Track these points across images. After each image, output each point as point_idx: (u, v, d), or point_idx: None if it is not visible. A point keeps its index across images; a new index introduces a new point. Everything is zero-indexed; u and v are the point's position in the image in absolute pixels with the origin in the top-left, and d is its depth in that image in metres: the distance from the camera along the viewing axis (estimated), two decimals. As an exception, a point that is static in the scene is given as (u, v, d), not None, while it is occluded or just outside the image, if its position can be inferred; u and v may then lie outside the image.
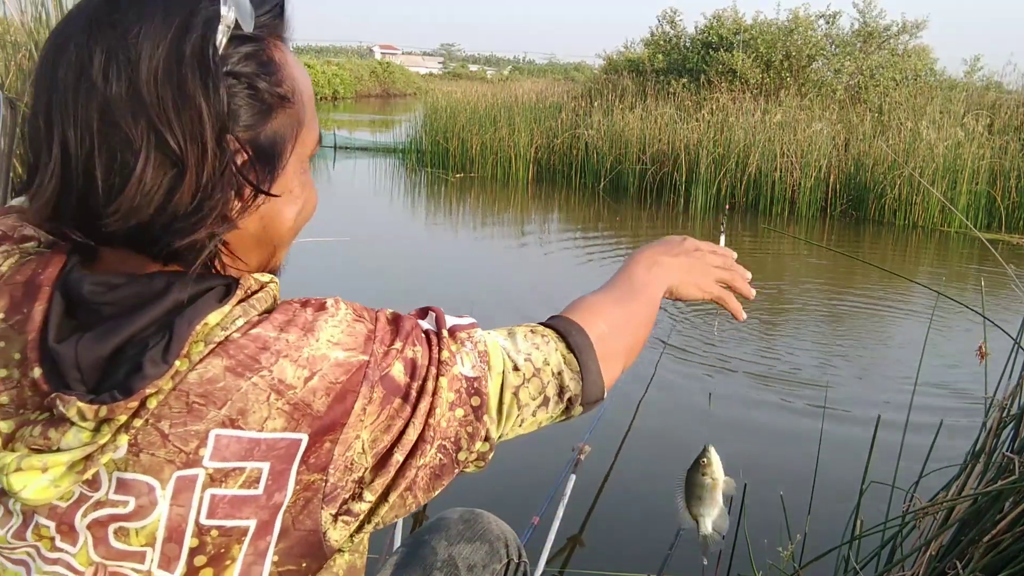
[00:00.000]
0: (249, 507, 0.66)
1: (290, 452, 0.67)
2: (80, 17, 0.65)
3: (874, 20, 13.00)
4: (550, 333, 0.85)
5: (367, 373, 0.69)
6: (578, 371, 0.84)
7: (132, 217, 0.64)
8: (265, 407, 0.66)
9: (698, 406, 3.88)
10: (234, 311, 0.68)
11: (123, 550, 0.66)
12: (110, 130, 0.62)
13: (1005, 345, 1.88)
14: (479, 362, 0.76)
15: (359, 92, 36.46)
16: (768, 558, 2.16)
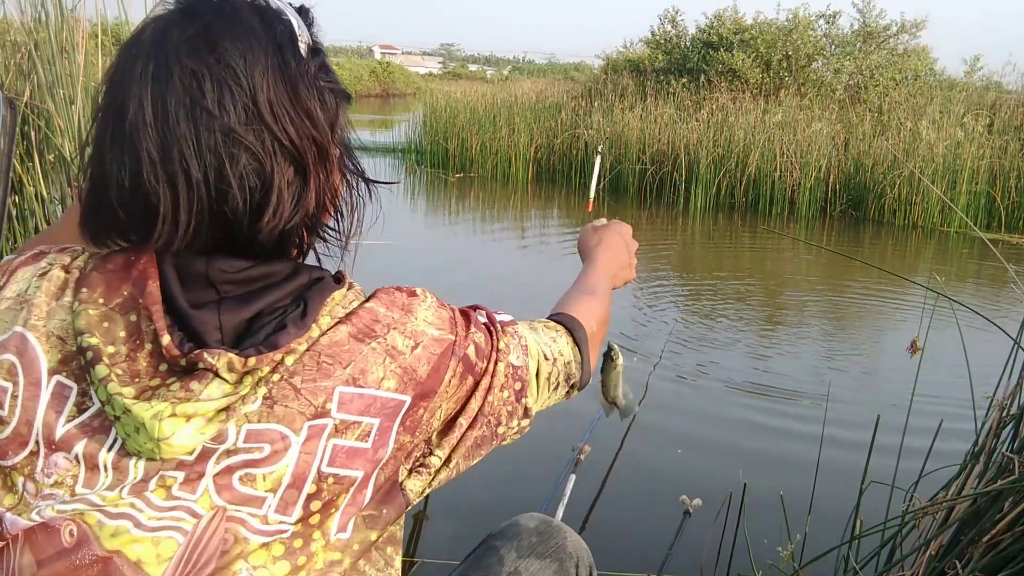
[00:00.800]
0: (360, 459, 0.76)
1: (395, 411, 0.78)
2: (170, 53, 0.70)
3: (874, 20, 13.00)
4: (561, 328, 1.02)
5: (455, 350, 0.83)
6: (580, 361, 1.01)
7: (280, 224, 0.73)
8: (381, 368, 0.77)
9: (698, 406, 3.88)
10: (348, 294, 0.81)
11: (246, 494, 0.72)
12: (236, 151, 0.70)
13: (1005, 345, 1.88)
14: (522, 353, 0.92)
15: (359, 92, 36.44)
16: (768, 558, 2.17)
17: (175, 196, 0.70)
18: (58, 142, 2.31)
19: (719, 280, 6.64)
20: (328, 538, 0.75)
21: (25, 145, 2.32)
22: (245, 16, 0.72)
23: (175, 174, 0.69)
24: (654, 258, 7.37)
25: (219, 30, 0.71)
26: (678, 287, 6.38)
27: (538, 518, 1.34)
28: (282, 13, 0.75)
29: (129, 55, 0.72)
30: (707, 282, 6.57)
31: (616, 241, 1.30)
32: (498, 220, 9.20)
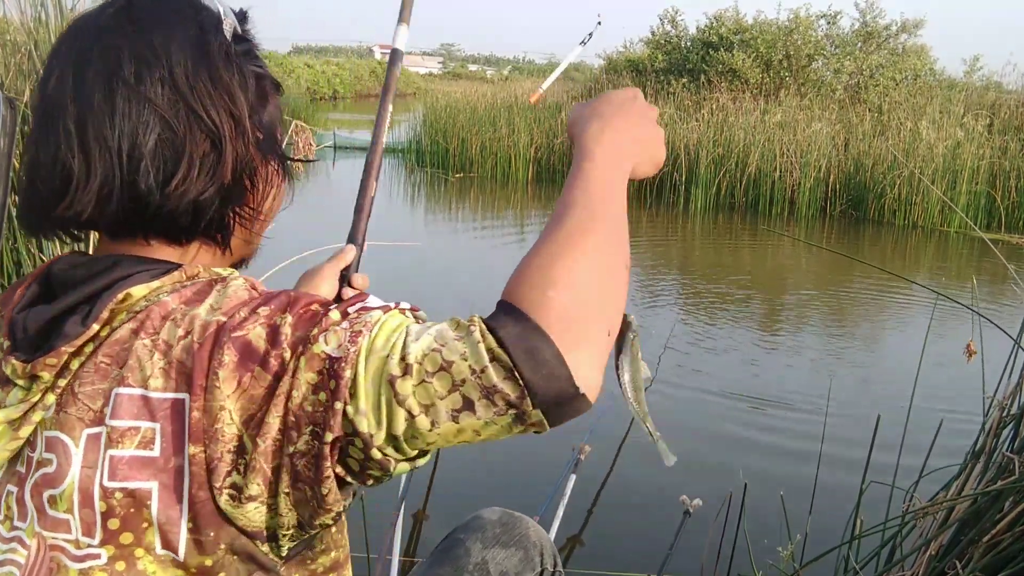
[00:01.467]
0: (148, 469, 0.67)
1: (177, 413, 0.67)
2: (91, 31, 0.73)
3: (873, 20, 13.01)
4: (477, 322, 0.65)
5: (222, 333, 0.67)
6: (510, 367, 0.63)
7: (188, 193, 0.72)
8: (149, 365, 0.68)
9: (699, 405, 3.88)
10: (163, 287, 0.72)
11: (55, 518, 0.69)
12: (152, 121, 0.70)
13: (1005, 345, 1.88)
14: (347, 342, 0.65)
15: (359, 92, 36.43)
16: (768, 558, 2.16)
17: (89, 164, 0.70)
18: (58, 142, 2.31)
19: (719, 280, 6.64)
20: (155, 554, 0.68)
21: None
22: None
23: (89, 143, 0.70)
24: (654, 258, 7.37)
25: (141, 8, 0.73)
26: (678, 286, 6.38)
27: (499, 511, 1.36)
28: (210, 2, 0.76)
29: (59, 40, 0.75)
30: (707, 282, 6.57)
31: (621, 107, 0.86)
32: (498, 220, 9.20)
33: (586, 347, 0.64)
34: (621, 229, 0.73)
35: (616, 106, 0.84)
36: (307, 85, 26.71)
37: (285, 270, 2.37)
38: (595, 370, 0.65)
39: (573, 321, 0.64)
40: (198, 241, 0.77)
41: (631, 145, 0.82)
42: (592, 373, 0.65)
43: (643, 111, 0.87)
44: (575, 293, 0.65)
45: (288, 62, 29.50)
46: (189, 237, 0.76)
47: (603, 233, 0.71)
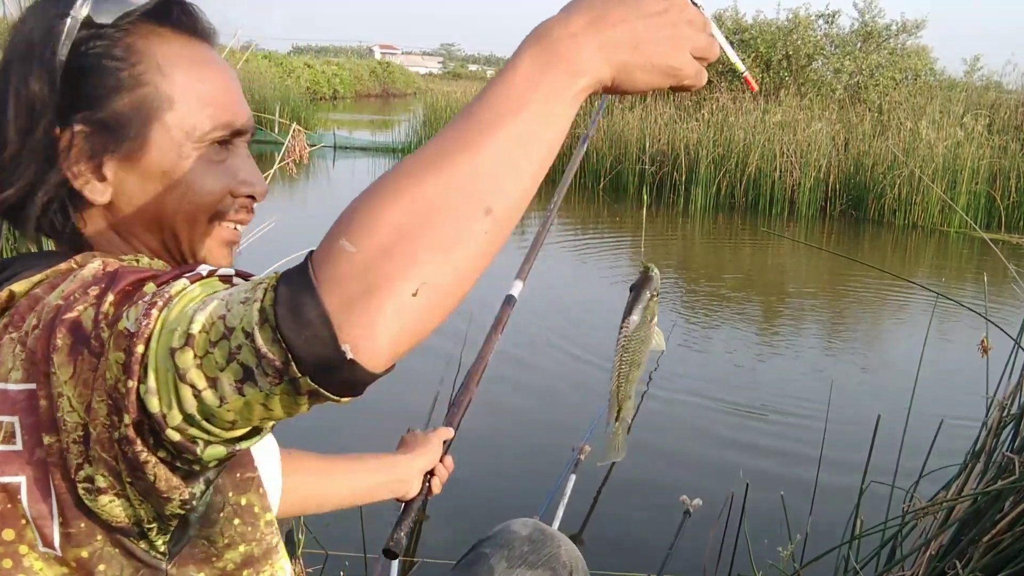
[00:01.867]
0: (14, 463, 0.65)
1: (32, 404, 0.65)
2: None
3: (873, 20, 13.01)
4: (268, 280, 0.56)
5: (54, 320, 0.63)
6: (275, 332, 0.53)
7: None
8: (11, 358, 0.66)
9: (699, 405, 3.88)
10: (46, 280, 0.69)
11: None
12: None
13: (1005, 345, 1.88)
14: (142, 315, 0.58)
15: (359, 92, 36.45)
16: (768, 558, 2.16)
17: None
18: (58, 142, 2.31)
19: (719, 280, 6.64)
20: (39, 551, 0.66)
21: None
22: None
23: None
24: (654, 258, 7.37)
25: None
26: (678, 286, 6.38)
27: (531, 525, 1.28)
28: None
29: None
30: (707, 281, 6.57)
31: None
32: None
33: (368, 306, 0.52)
34: (508, 158, 0.55)
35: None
36: (307, 85, 26.71)
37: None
38: (376, 333, 0.52)
39: (359, 274, 0.52)
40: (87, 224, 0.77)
41: (610, 39, 0.58)
42: (372, 336, 0.52)
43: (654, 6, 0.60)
44: (373, 239, 0.52)
45: (288, 62, 29.50)
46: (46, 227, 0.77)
47: (466, 160, 0.54)
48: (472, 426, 1.26)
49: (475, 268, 0.55)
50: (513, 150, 0.55)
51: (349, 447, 1.25)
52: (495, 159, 0.55)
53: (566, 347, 4.62)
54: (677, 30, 0.61)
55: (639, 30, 0.59)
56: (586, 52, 0.57)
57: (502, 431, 3.37)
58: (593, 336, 4.85)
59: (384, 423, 3.17)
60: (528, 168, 0.56)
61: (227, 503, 0.73)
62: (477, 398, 1.22)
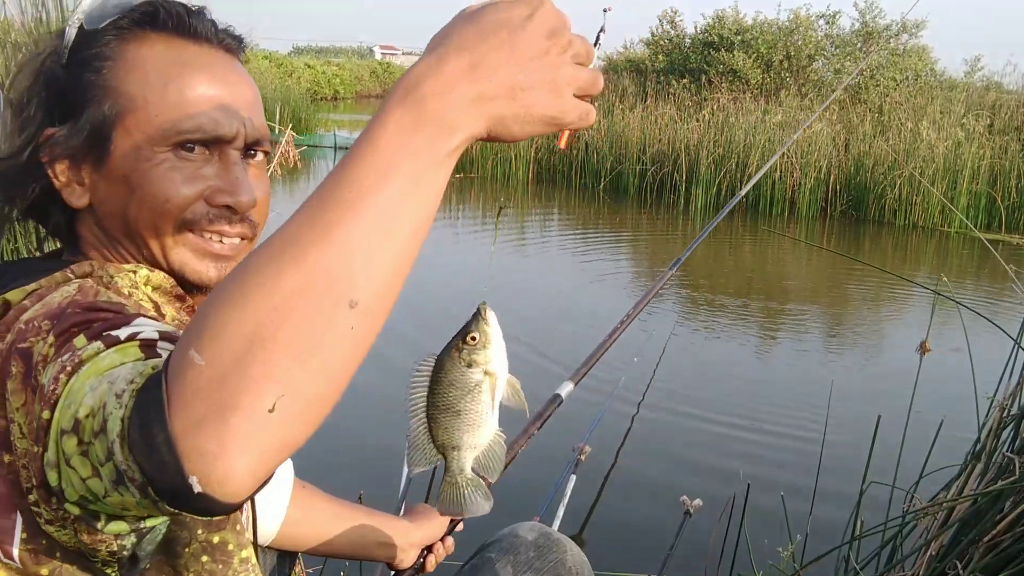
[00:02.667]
0: None
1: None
2: None
3: (873, 20, 13.02)
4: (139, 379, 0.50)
5: (12, 344, 0.61)
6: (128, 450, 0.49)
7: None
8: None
9: (699, 404, 3.88)
10: (39, 289, 0.68)
11: None
12: None
13: (1006, 345, 1.88)
14: (53, 378, 0.54)
15: (359, 92, 36.43)
16: (768, 558, 2.16)
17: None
18: (58, 142, 2.31)
19: (720, 280, 6.64)
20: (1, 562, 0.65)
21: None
22: None
23: None
24: (655, 258, 7.37)
25: None
26: (678, 286, 6.38)
27: (537, 529, 1.27)
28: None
29: None
30: (707, 281, 6.57)
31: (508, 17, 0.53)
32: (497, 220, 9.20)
33: (218, 429, 0.45)
34: (374, 248, 0.48)
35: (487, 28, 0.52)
36: (308, 86, 26.71)
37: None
38: (229, 460, 0.45)
39: (208, 391, 0.46)
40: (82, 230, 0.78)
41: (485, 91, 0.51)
42: (223, 464, 0.45)
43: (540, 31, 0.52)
44: (220, 349, 0.46)
45: (289, 62, 29.50)
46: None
47: (321, 249, 0.47)
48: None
49: (345, 369, 0.48)
50: (378, 231, 0.48)
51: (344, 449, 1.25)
52: (357, 244, 0.48)
53: (566, 347, 4.61)
54: (559, 73, 0.53)
55: (518, 78, 0.52)
56: (459, 107, 0.50)
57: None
58: (593, 335, 4.85)
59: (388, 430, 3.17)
60: (397, 249, 0.49)
61: (195, 539, 0.70)
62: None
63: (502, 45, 0.51)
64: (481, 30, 0.51)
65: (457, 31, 0.52)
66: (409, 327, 4.34)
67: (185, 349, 0.47)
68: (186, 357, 0.46)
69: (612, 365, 3.78)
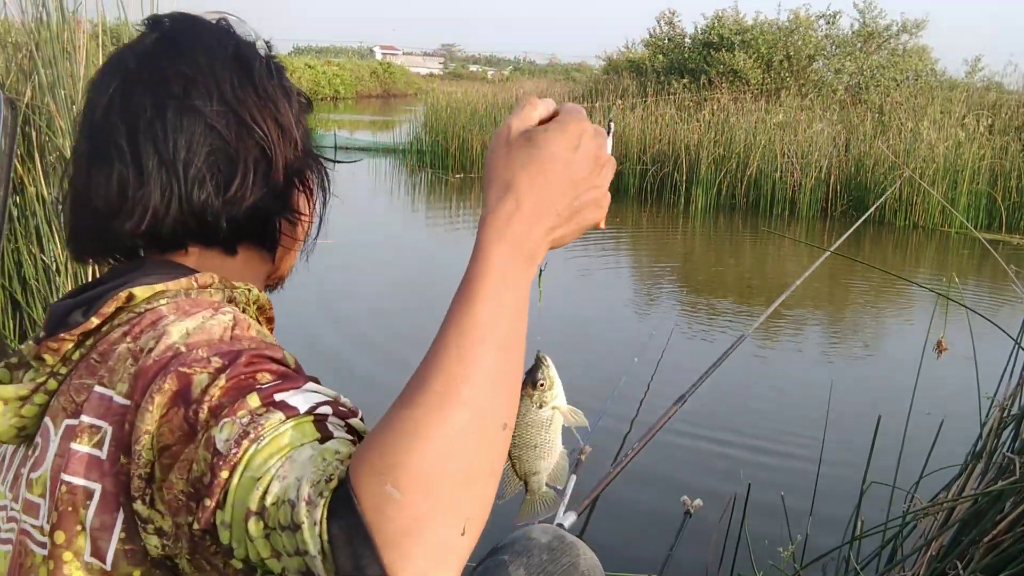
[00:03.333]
0: (95, 469, 0.66)
1: (126, 419, 0.66)
2: (132, 58, 0.76)
3: (873, 20, 13.01)
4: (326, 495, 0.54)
5: (171, 361, 0.64)
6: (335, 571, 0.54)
7: (246, 199, 0.75)
8: (122, 368, 0.68)
9: (699, 405, 3.87)
10: (167, 292, 0.72)
11: (29, 501, 0.70)
12: (204, 132, 0.74)
13: (1006, 345, 1.88)
14: (234, 439, 0.58)
15: (359, 92, 36.45)
16: (768, 558, 2.16)
17: (143, 175, 0.73)
18: (59, 142, 2.31)
19: (720, 279, 6.64)
20: (83, 560, 0.65)
21: (26, 145, 2.32)
22: (204, 22, 0.80)
23: (142, 156, 0.72)
24: (655, 257, 7.37)
25: (181, 33, 0.77)
26: (678, 286, 6.38)
27: (551, 532, 1.26)
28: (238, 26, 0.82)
29: (102, 69, 0.78)
30: (708, 281, 6.57)
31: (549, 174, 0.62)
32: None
33: (425, 559, 0.52)
34: (505, 374, 0.57)
35: (548, 167, 0.62)
36: (308, 86, 26.71)
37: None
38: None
39: (412, 526, 0.52)
40: (244, 250, 0.80)
41: (561, 225, 0.63)
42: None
43: (584, 164, 0.64)
44: (420, 490, 0.52)
45: (289, 62, 29.48)
46: (235, 244, 0.79)
47: (476, 393, 0.55)
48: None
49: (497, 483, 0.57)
50: (507, 351, 0.58)
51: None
52: (493, 370, 0.56)
53: (566, 347, 4.61)
54: (601, 190, 0.66)
55: (574, 204, 0.63)
56: (537, 241, 0.62)
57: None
58: (593, 336, 4.85)
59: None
60: (516, 362, 0.59)
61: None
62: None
63: (561, 181, 0.62)
64: (542, 166, 0.62)
65: (520, 167, 0.62)
66: (412, 328, 4.34)
67: (379, 480, 0.52)
68: (383, 492, 0.52)
69: (612, 365, 3.78)
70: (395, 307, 5.28)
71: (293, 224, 0.82)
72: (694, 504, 2.30)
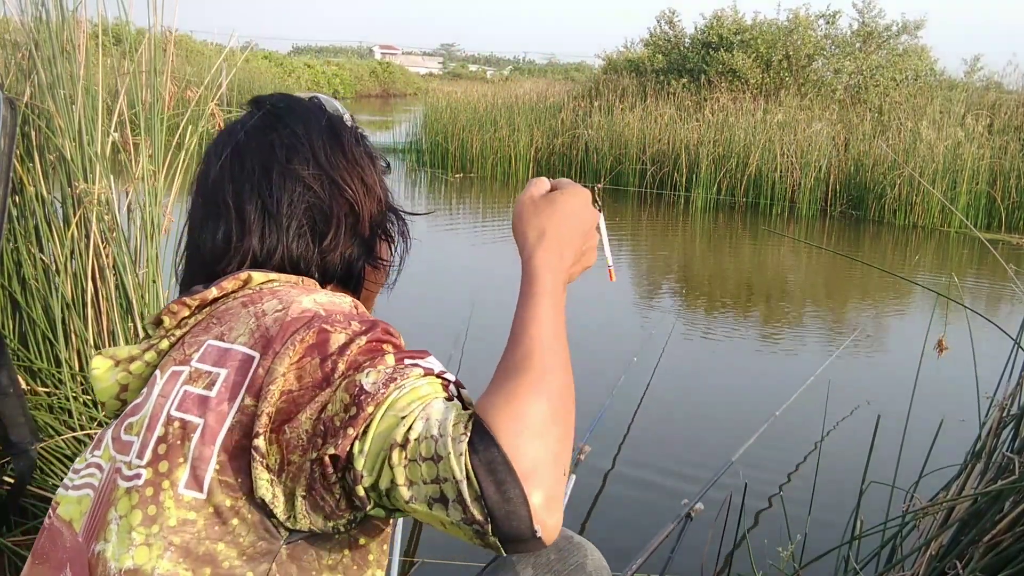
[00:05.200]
0: (203, 407, 0.76)
1: (245, 367, 0.76)
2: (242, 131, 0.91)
3: (873, 20, 13.00)
4: (467, 432, 0.68)
5: (315, 319, 0.76)
6: (479, 496, 0.66)
7: (338, 248, 0.90)
8: (243, 326, 0.79)
9: (698, 404, 3.88)
10: (280, 279, 0.86)
11: (124, 441, 0.79)
12: (302, 191, 0.89)
13: (1005, 345, 1.88)
14: (381, 383, 0.71)
15: (359, 92, 36.45)
16: (768, 558, 2.16)
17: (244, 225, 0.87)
18: (59, 142, 2.31)
19: (719, 279, 6.64)
20: (177, 490, 0.73)
21: (25, 145, 2.31)
22: (301, 100, 0.95)
23: (246, 209, 0.87)
24: (655, 257, 7.37)
25: (283, 109, 0.93)
26: (678, 285, 6.38)
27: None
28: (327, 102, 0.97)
29: (213, 143, 0.93)
30: (707, 281, 6.57)
31: (568, 224, 0.88)
32: (498, 220, 9.20)
33: (549, 493, 0.67)
34: (569, 366, 0.78)
35: (567, 219, 0.88)
36: (307, 86, 26.69)
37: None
38: (555, 514, 0.68)
39: (540, 467, 0.67)
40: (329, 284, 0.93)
41: (574, 264, 0.89)
42: (552, 518, 0.68)
43: (589, 220, 0.91)
44: (543, 443, 0.69)
45: (288, 62, 29.50)
46: (324, 285, 0.91)
47: (563, 378, 0.75)
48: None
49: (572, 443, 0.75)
50: (563, 342, 0.79)
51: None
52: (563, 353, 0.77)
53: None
54: (594, 244, 0.94)
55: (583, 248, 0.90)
56: (565, 281, 0.86)
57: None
58: (593, 335, 4.85)
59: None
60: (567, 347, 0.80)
61: (349, 535, 0.79)
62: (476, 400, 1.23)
63: (575, 230, 0.88)
64: (564, 218, 0.87)
65: (547, 218, 0.87)
66: (413, 326, 4.33)
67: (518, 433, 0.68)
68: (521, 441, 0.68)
69: (612, 365, 3.78)
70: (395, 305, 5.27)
71: (376, 269, 0.97)
72: (695, 508, 2.30)
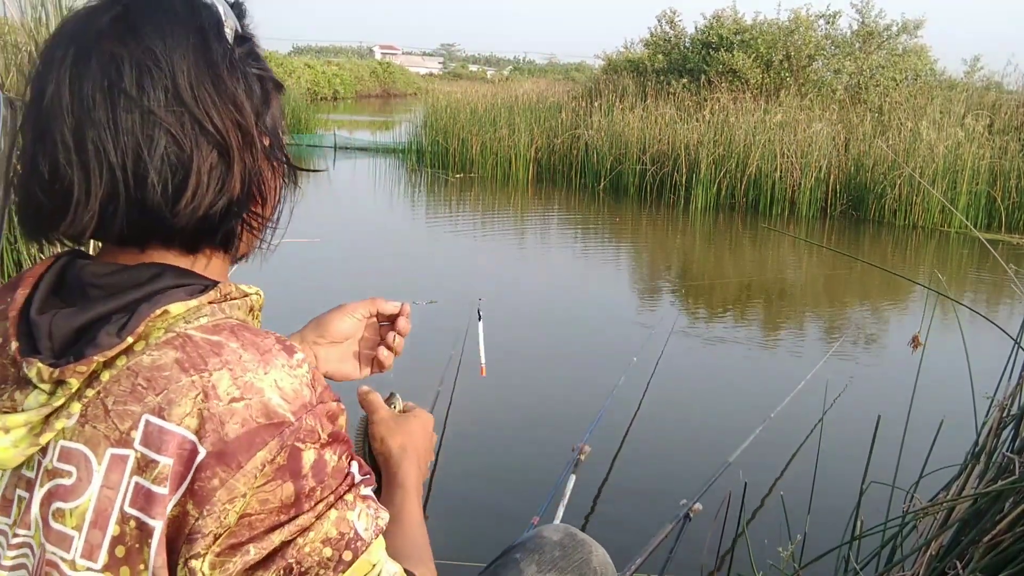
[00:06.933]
0: (159, 507, 0.65)
1: (190, 459, 0.65)
2: (87, 37, 0.69)
3: (873, 20, 13.00)
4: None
5: (284, 433, 0.67)
6: None
7: (199, 210, 0.70)
8: (188, 403, 0.65)
9: (698, 405, 3.87)
10: (202, 308, 0.71)
11: (58, 532, 0.67)
12: (156, 134, 0.68)
13: (1005, 345, 1.88)
14: (372, 529, 0.74)
15: (359, 92, 36.46)
16: (768, 558, 2.16)
17: (89, 181, 0.68)
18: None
19: (719, 279, 6.64)
20: None
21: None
22: (167, 1, 0.72)
23: (88, 159, 0.68)
24: (655, 257, 7.36)
25: (139, 13, 0.70)
26: (678, 285, 6.38)
27: (563, 530, 1.28)
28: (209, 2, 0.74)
29: (51, 44, 0.71)
30: (707, 281, 6.57)
31: (420, 440, 1.05)
32: (498, 220, 9.20)
33: None
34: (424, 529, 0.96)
35: (421, 437, 1.05)
36: (307, 86, 26.71)
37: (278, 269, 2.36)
38: None
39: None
40: (206, 248, 0.76)
41: (424, 462, 1.05)
42: None
43: (431, 437, 1.08)
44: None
45: (288, 62, 29.50)
46: (196, 246, 0.75)
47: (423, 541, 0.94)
48: (471, 427, 1.26)
49: None
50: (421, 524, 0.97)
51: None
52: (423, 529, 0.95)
53: (565, 347, 4.62)
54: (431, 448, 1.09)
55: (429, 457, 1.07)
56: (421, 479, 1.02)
57: (502, 431, 3.37)
58: (593, 336, 4.85)
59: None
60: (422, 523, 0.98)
61: None
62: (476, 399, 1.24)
63: (430, 447, 1.07)
64: (423, 431, 1.06)
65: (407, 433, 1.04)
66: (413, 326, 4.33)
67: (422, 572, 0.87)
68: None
69: (612, 365, 3.78)
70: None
71: (254, 227, 0.78)
72: (694, 508, 2.30)
